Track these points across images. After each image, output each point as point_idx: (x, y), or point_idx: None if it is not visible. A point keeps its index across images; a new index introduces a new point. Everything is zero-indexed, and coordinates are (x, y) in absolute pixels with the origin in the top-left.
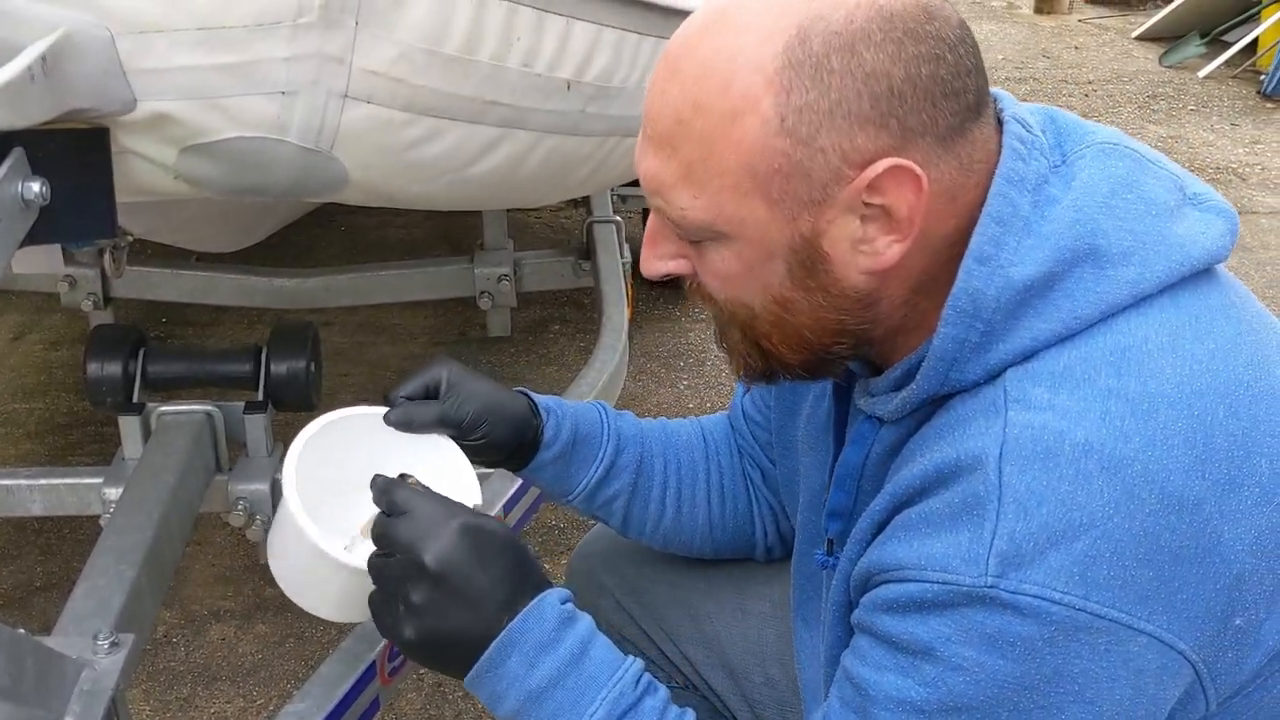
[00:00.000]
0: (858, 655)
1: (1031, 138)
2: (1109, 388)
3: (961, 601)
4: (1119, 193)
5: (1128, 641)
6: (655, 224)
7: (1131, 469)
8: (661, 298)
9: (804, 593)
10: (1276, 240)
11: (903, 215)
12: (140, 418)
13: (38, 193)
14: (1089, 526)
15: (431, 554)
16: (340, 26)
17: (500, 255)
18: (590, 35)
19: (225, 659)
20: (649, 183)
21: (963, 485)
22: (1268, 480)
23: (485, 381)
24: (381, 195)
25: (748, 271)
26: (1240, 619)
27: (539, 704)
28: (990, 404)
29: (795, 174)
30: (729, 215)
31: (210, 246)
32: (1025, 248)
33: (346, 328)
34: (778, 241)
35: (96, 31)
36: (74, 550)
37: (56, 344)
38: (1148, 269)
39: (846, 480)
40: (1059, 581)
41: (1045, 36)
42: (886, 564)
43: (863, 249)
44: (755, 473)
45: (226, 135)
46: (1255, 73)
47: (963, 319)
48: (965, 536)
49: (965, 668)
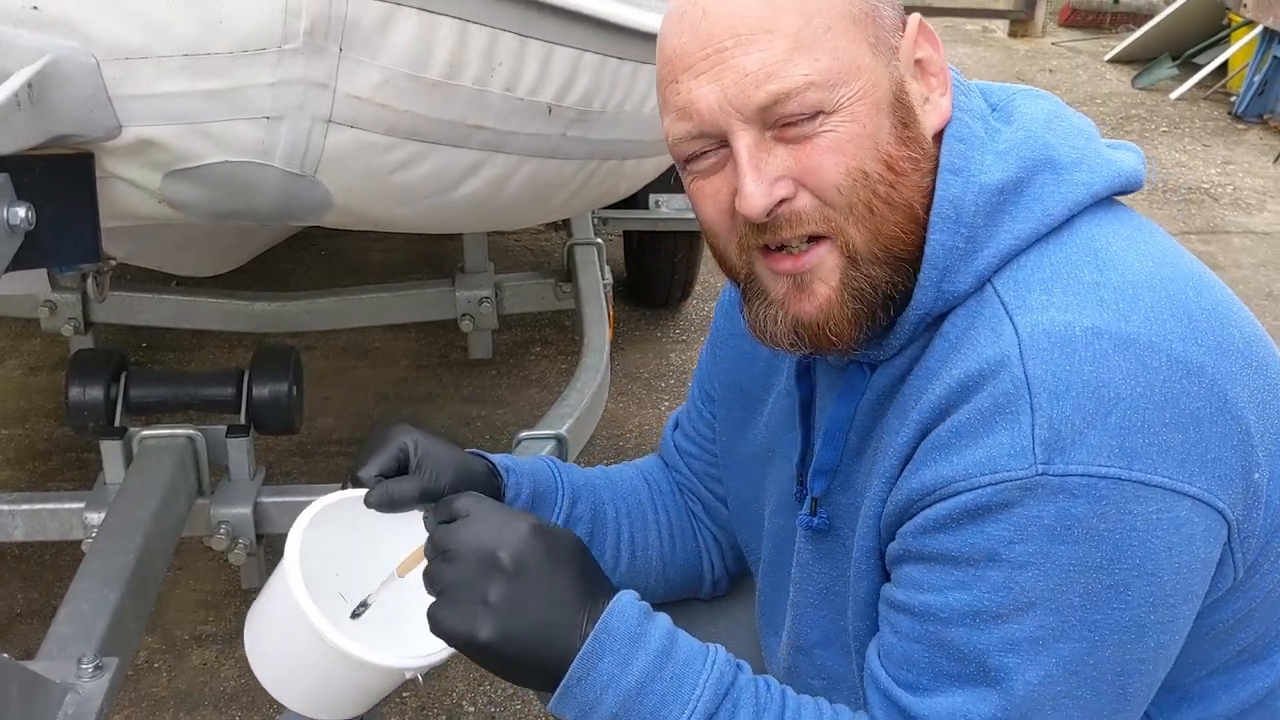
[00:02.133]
0: (910, 584)
1: (965, 84)
2: (1095, 280)
3: (1015, 499)
4: (1055, 120)
5: (1175, 506)
6: (749, 151)
7: (1139, 343)
8: (643, 319)
9: (772, 604)
10: (1249, 259)
11: (939, 66)
12: (122, 442)
13: (23, 218)
14: (1117, 400)
15: (508, 551)
16: (324, 53)
17: (481, 278)
18: (571, 60)
19: (207, 684)
20: (753, 78)
21: (989, 389)
22: (1243, 346)
23: (446, 445)
24: (365, 219)
25: (863, 130)
26: (1257, 473)
27: (640, 699)
28: (991, 316)
29: (877, 17)
30: (847, 64)
31: (193, 271)
32: (989, 160)
33: (328, 351)
34: (884, 88)
35: (82, 58)
36: (55, 577)
37: (36, 369)
38: (1095, 175)
39: (835, 434)
40: (1102, 456)
41: (1020, 60)
42: (929, 485)
43: (927, 106)
44: (696, 506)
45: (211, 160)
46: (1226, 94)
47: (948, 225)
48: (1005, 435)
49: (1031, 562)
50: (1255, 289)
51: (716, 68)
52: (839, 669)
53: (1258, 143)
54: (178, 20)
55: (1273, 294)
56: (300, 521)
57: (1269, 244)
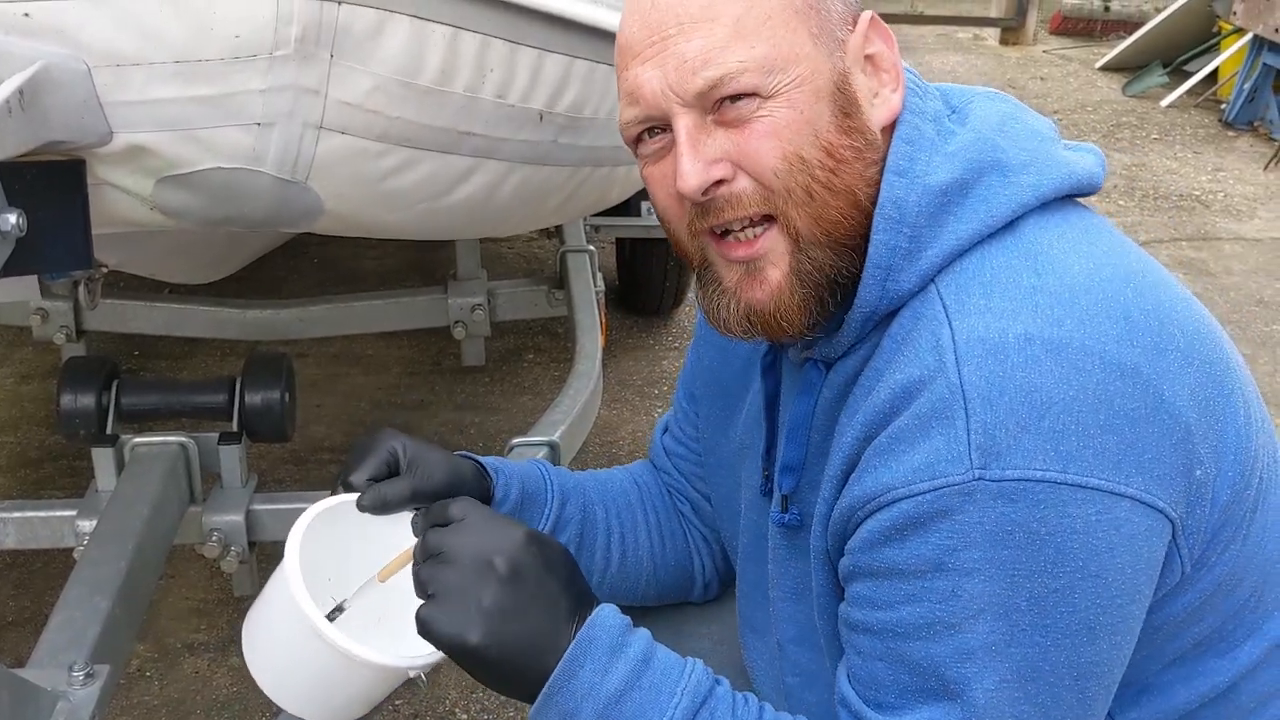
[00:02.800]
0: (864, 603)
1: (924, 86)
2: (1032, 285)
3: (955, 505)
4: (1008, 123)
5: (1113, 508)
6: (688, 131)
7: (1071, 346)
8: (635, 326)
9: (752, 600)
10: (1240, 265)
11: (890, 62)
12: (114, 449)
13: (14, 224)
14: (1049, 405)
15: (504, 557)
16: (316, 59)
17: (474, 285)
18: (562, 67)
19: (199, 692)
20: (691, 64)
21: (926, 395)
22: (1183, 344)
23: (435, 448)
24: (357, 225)
25: (800, 117)
26: (1199, 470)
27: (618, 708)
28: (932, 319)
29: (823, 9)
30: (784, 52)
31: (184, 278)
32: (935, 162)
33: (321, 359)
34: (824, 76)
35: (74, 65)
36: (46, 585)
37: (28, 377)
38: (1044, 177)
39: (798, 431)
40: (1037, 460)
41: (1011, 68)
42: (871, 492)
43: (875, 100)
44: (685, 506)
45: (203, 166)
46: (1216, 101)
47: (891, 225)
48: (941, 440)
49: (976, 569)
50: (1246, 295)
51: (660, 55)
52: (812, 665)
53: (1248, 150)
54: (169, 27)
55: (1264, 300)
56: (300, 523)
57: (1259, 250)
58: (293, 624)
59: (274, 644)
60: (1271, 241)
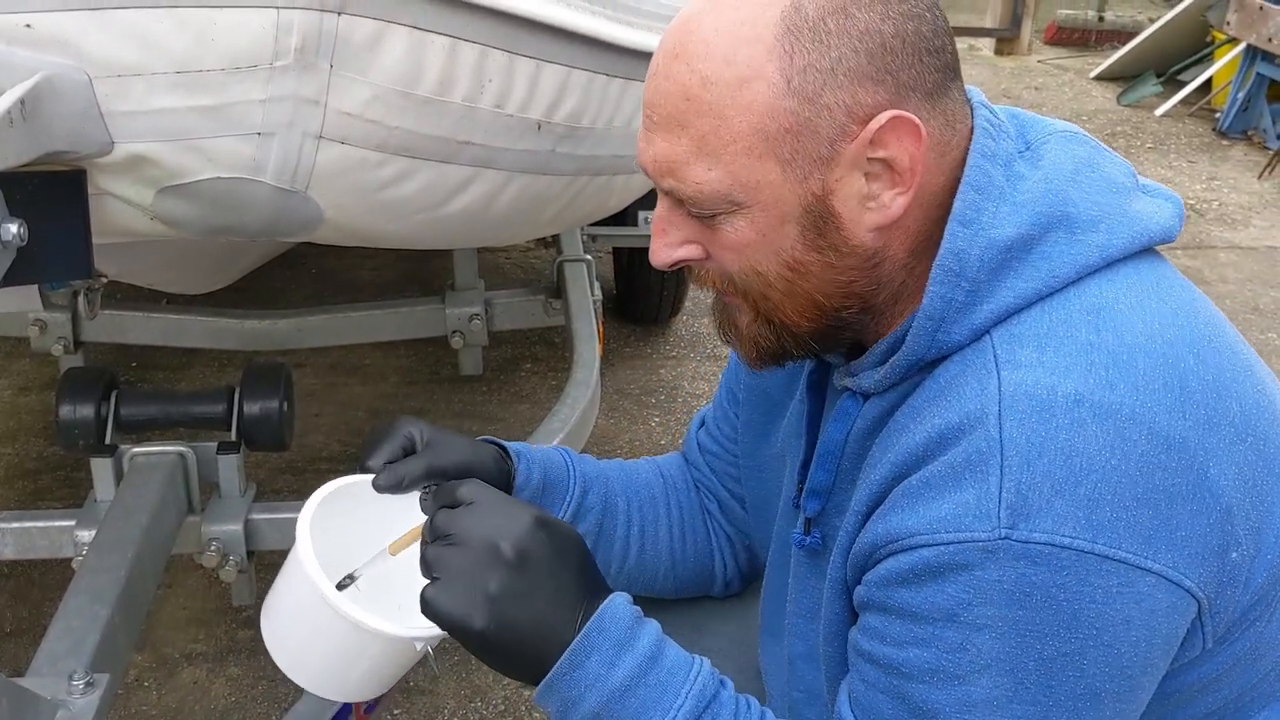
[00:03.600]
0: (874, 635)
1: (999, 122)
2: (1089, 342)
3: (976, 561)
4: (1083, 171)
5: (1137, 582)
6: (663, 213)
7: (1120, 414)
8: (633, 335)
9: (773, 604)
10: (1235, 274)
11: (905, 166)
12: (113, 460)
13: (15, 234)
14: (1089, 471)
15: (511, 542)
16: (315, 69)
17: (471, 295)
18: (560, 77)
19: (198, 702)
20: (660, 165)
21: (964, 445)
22: (1239, 419)
23: (454, 433)
24: (355, 234)
25: (762, 239)
26: (1235, 553)
27: (621, 702)
28: (981, 367)
29: (804, 132)
30: (744, 180)
31: (183, 288)
32: (1003, 213)
33: (318, 369)
34: (791, 203)
35: (75, 75)
36: (44, 596)
37: (25, 389)
38: (1114, 235)
39: (828, 458)
40: (1067, 527)
41: (1006, 77)
42: (894, 534)
43: (870, 205)
44: (713, 504)
45: (203, 176)
46: (1210, 111)
47: (949, 278)
48: (972, 494)
49: (989, 625)
50: (1242, 304)
51: (646, 134)
52: (816, 685)
53: (1242, 159)
54: (170, 37)
55: (1259, 309)
56: (313, 500)
57: (1254, 259)
58: (304, 595)
59: (288, 618)
60: (1266, 250)
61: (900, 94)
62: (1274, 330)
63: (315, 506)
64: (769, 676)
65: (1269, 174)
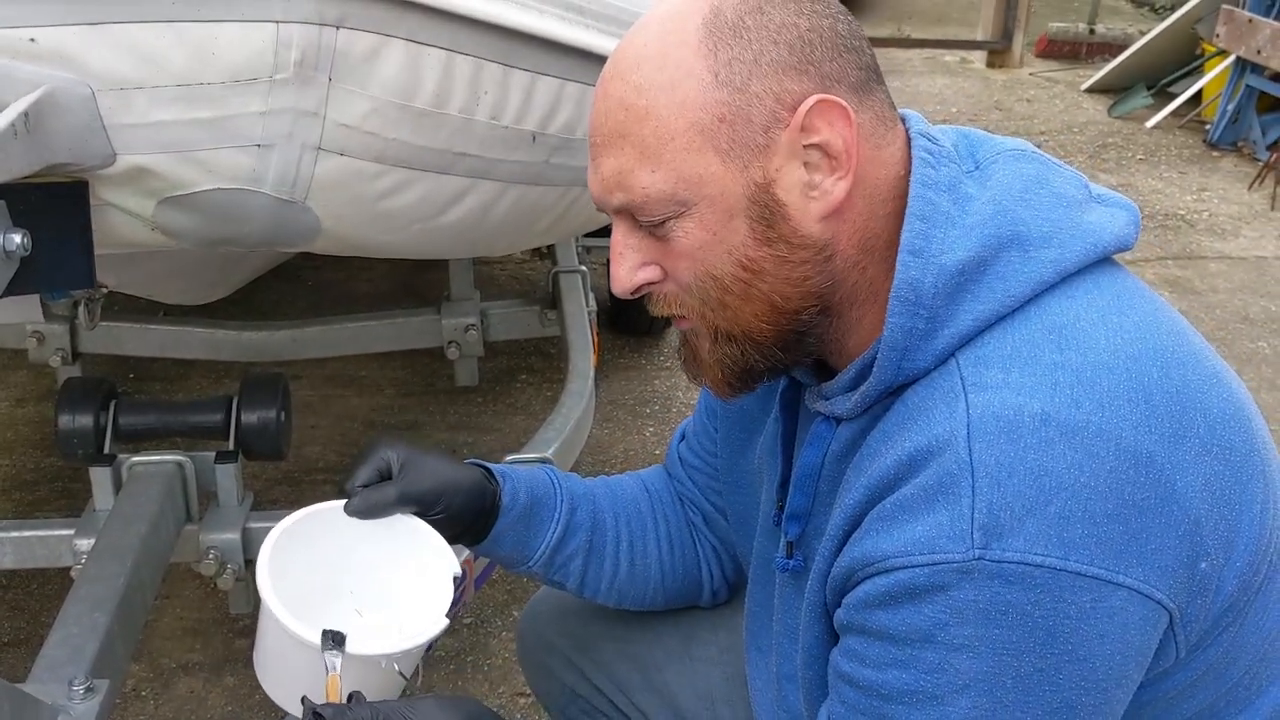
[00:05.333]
0: (854, 658)
1: (938, 148)
2: (1054, 361)
3: (951, 582)
4: (1032, 189)
5: (1109, 597)
6: (618, 237)
7: (1087, 431)
8: (627, 346)
9: (758, 620)
10: (1225, 284)
11: (839, 149)
12: (111, 469)
13: (19, 244)
14: (1058, 490)
15: None
16: (314, 83)
17: (467, 306)
18: (554, 89)
19: (194, 712)
20: (607, 182)
21: (935, 468)
22: (1204, 432)
23: (435, 456)
24: (353, 245)
25: (713, 237)
26: (1205, 563)
27: None
28: (949, 390)
29: (738, 120)
30: (687, 176)
31: (182, 298)
32: (952, 238)
33: (314, 380)
34: (736, 195)
35: (78, 89)
36: (42, 605)
37: (23, 400)
38: (1067, 250)
39: (805, 482)
40: (1039, 545)
41: (997, 90)
42: (871, 557)
43: (813, 194)
44: (697, 517)
45: (204, 187)
46: (1200, 123)
47: (907, 308)
48: (945, 515)
49: (966, 645)
50: (1232, 313)
51: (593, 162)
52: (797, 707)
53: (1232, 170)
54: (172, 51)
55: (1249, 318)
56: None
57: (1244, 269)
58: (267, 615)
59: (264, 647)
60: (1256, 259)
61: (825, 85)
62: (1264, 339)
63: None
64: (755, 693)
65: (1259, 185)
